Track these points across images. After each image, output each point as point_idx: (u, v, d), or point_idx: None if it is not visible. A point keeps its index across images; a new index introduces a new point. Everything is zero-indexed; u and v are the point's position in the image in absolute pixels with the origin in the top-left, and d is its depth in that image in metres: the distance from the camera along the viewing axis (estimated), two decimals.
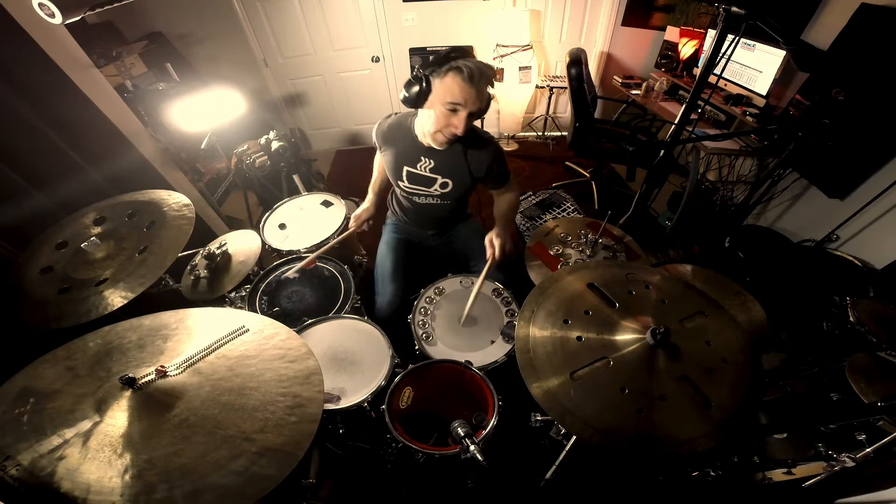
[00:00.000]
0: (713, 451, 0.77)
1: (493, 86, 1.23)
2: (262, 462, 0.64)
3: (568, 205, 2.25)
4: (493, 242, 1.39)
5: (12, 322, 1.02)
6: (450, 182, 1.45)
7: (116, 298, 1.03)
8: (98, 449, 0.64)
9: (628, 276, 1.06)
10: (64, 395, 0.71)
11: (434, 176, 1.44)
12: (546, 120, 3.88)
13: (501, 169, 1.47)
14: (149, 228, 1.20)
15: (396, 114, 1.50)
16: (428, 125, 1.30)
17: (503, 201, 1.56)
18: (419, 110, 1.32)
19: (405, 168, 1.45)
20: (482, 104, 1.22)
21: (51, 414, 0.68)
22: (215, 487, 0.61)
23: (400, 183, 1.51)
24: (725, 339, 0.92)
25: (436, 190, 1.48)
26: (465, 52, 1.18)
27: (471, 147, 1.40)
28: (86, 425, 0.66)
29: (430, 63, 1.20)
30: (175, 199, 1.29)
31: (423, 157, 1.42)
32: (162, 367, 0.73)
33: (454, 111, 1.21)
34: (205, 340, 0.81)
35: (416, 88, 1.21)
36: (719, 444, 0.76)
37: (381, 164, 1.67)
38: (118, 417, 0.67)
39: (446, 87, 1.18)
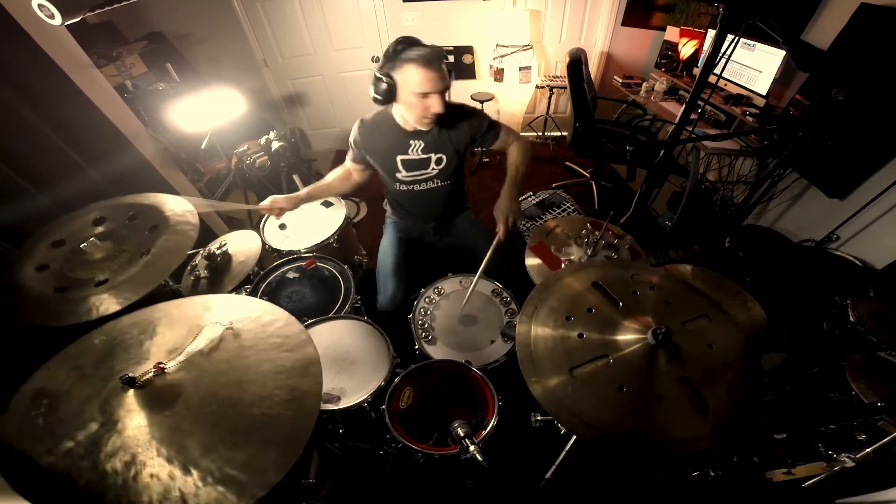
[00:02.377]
0: (707, 453, 0.76)
1: (446, 58, 1.27)
2: (261, 459, 0.64)
3: (568, 205, 2.25)
4: (498, 219, 1.44)
5: (11, 321, 1.01)
6: (444, 157, 1.49)
7: (113, 305, 1.00)
8: (101, 449, 0.64)
9: (633, 276, 1.06)
10: (72, 396, 0.72)
11: (427, 156, 1.47)
12: (546, 120, 3.88)
13: (485, 122, 1.50)
14: (150, 232, 1.18)
15: (363, 120, 1.48)
16: (409, 115, 1.36)
17: (512, 154, 1.56)
18: (395, 104, 1.38)
19: (398, 157, 1.47)
20: (446, 81, 1.28)
21: (61, 417, 0.69)
22: (215, 484, 0.61)
23: (398, 174, 1.50)
24: (727, 343, 0.92)
25: (433, 169, 1.50)
26: (410, 42, 1.23)
27: (450, 119, 1.44)
28: (93, 427, 0.67)
29: (384, 62, 1.26)
30: (177, 204, 1.26)
31: (412, 141, 1.45)
32: (160, 363, 0.73)
33: (426, 97, 1.27)
34: (201, 334, 0.81)
35: (383, 87, 1.28)
36: (714, 446, 0.76)
37: (337, 175, 1.60)
38: (122, 417, 0.68)
39: (410, 80, 1.24)
